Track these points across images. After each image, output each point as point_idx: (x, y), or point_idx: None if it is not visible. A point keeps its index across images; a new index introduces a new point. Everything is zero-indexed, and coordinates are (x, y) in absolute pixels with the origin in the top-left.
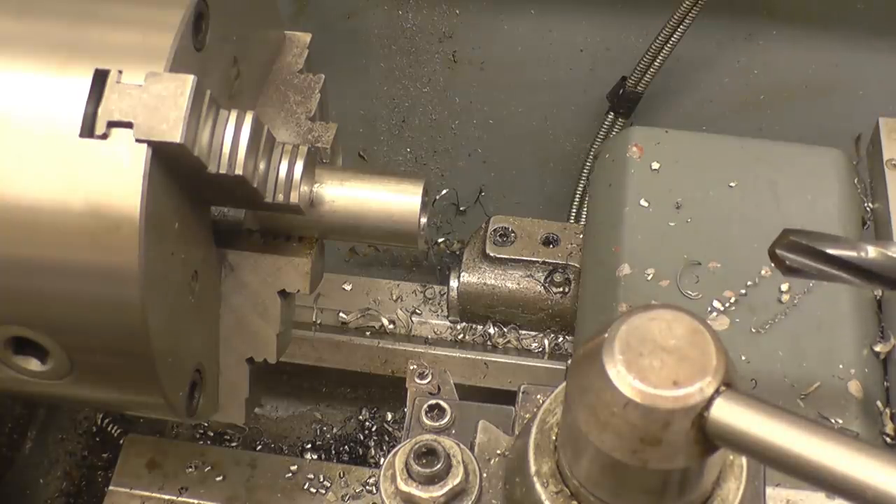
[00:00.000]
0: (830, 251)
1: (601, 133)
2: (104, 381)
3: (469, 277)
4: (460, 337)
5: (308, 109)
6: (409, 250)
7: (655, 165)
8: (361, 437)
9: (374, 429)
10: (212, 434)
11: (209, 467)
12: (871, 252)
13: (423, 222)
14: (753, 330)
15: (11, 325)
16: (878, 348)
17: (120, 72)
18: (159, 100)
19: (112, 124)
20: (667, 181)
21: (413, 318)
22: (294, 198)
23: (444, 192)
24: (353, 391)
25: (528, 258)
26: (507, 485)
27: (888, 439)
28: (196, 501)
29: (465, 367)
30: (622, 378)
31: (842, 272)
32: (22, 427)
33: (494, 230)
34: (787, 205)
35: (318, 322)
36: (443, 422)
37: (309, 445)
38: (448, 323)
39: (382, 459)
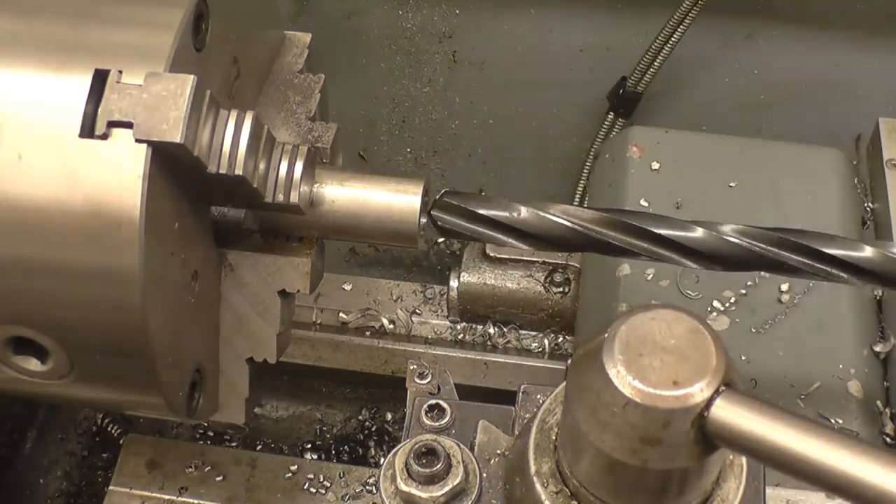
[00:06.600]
0: (481, 211)
1: (601, 133)
2: (104, 381)
3: (469, 277)
4: (460, 337)
5: (308, 109)
6: (409, 250)
7: (655, 165)
8: (361, 437)
9: (374, 429)
10: (212, 434)
11: (209, 467)
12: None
13: (423, 222)
14: (753, 330)
15: (11, 325)
16: (878, 348)
17: (120, 72)
18: (159, 100)
19: (112, 124)
20: (667, 181)
21: (413, 318)
22: (294, 198)
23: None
24: (353, 391)
25: (528, 258)
26: (507, 485)
27: (888, 439)
28: (196, 501)
29: (465, 367)
30: (622, 378)
31: (493, 232)
32: (22, 427)
33: None
34: (787, 205)
35: (318, 322)
36: (443, 422)
37: (309, 445)
38: (448, 323)
39: (382, 459)
